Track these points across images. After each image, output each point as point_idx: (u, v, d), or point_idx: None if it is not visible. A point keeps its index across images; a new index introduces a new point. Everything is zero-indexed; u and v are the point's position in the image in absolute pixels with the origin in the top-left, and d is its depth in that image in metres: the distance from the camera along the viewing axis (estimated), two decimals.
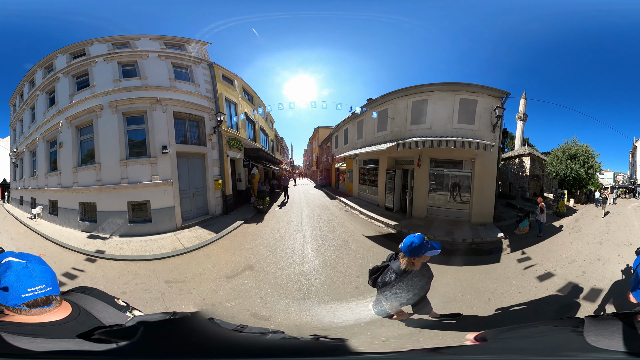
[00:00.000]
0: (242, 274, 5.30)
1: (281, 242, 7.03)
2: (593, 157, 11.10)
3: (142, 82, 8.14)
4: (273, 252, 6.35)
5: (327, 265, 5.54)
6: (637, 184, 13.20)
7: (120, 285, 5.00)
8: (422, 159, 9.16)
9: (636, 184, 13.25)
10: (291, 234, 7.54)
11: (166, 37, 8.90)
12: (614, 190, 13.78)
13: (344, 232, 7.64)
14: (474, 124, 8.81)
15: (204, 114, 8.86)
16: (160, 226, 7.62)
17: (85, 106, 8.19)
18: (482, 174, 8.90)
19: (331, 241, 6.95)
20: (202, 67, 9.04)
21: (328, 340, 1.62)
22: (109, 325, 1.31)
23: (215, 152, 9.13)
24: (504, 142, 15.49)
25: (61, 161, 8.69)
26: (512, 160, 14.12)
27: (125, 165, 7.64)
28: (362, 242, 6.94)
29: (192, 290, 4.82)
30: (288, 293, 4.59)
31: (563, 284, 5.05)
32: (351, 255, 6.07)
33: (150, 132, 7.80)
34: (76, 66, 8.66)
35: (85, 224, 8.19)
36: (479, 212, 8.87)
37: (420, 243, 2.58)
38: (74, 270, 5.63)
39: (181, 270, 5.66)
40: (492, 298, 4.57)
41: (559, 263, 6.03)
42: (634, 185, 13.43)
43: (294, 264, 5.66)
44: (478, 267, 5.87)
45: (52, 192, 9.07)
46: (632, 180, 13.68)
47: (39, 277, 1.25)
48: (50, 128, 8.99)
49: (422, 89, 9.19)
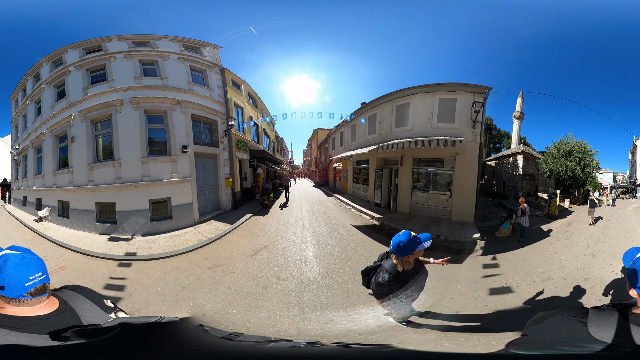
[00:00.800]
0: (261, 252, 6.53)
1: (285, 228, 8.20)
2: (590, 155, 10.31)
3: (163, 83, 8.38)
4: (280, 236, 7.61)
5: (319, 244, 6.89)
6: (637, 183, 12.36)
7: (173, 281, 5.28)
8: (405, 159, 9.72)
9: (636, 183, 12.42)
10: (293, 223, 8.70)
11: (185, 39, 9.17)
12: (613, 190, 13.02)
13: (335, 222, 8.79)
14: (453, 122, 8.83)
15: (217, 117, 9.43)
16: (180, 222, 8.03)
17: (103, 100, 8.05)
18: (462, 172, 8.77)
19: (324, 228, 8.17)
20: (214, 72, 9.57)
21: (339, 347, 1.49)
22: (85, 325, 1.29)
23: (226, 153, 9.75)
24: (500, 142, 15.07)
25: (73, 157, 8.19)
26: (505, 159, 13.62)
27: (147, 163, 7.77)
28: (349, 229, 8.09)
29: (232, 270, 5.66)
30: (294, 262, 5.94)
31: (514, 306, 4.15)
32: (338, 238, 7.32)
33: (171, 132, 8.16)
34: (91, 60, 8.53)
35: (103, 226, 7.75)
36: (459, 210, 8.76)
37: (407, 240, 2.43)
38: (114, 280, 5.26)
39: (214, 256, 6.37)
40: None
41: (529, 278, 5.11)
42: (634, 185, 12.60)
43: (296, 243, 7.00)
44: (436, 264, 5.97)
45: (62, 191, 8.45)
46: (632, 180, 12.89)
47: (35, 266, 1.28)
48: (59, 122, 8.53)
49: (403, 93, 9.61)
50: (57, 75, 8.93)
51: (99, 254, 6.48)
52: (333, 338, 3.52)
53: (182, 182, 8.23)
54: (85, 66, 8.53)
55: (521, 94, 13.21)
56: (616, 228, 8.01)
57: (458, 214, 8.71)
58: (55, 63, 9.20)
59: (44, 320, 1.22)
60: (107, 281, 5.19)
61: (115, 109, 7.96)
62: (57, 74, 8.94)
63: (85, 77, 8.47)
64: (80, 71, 8.53)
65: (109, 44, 8.65)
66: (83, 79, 8.45)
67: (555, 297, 4.37)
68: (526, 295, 4.51)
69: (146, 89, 8.18)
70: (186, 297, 4.69)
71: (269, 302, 4.39)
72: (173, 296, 4.73)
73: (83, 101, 8.26)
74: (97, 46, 8.73)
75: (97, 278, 5.32)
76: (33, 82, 9.83)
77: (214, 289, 4.93)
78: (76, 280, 4.72)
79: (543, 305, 4.22)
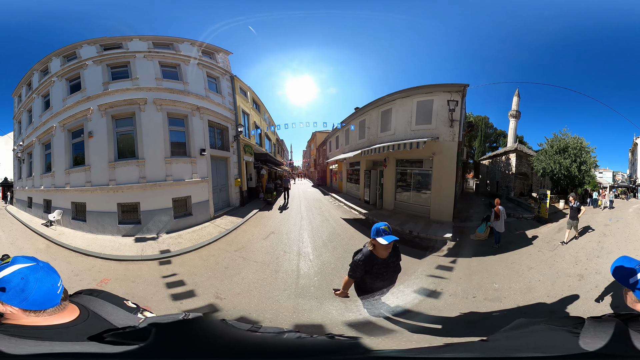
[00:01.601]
0: (270, 236, 7.89)
1: (287, 220, 9.55)
2: (587, 152, 9.51)
3: (185, 88, 8.73)
4: (284, 225, 8.99)
5: (313, 231, 8.30)
6: (637, 183, 11.89)
7: (215, 265, 6.11)
8: (388, 161, 10.36)
9: (636, 183, 11.94)
10: (293, 216, 10.04)
11: (202, 43, 9.41)
12: (612, 190, 12.21)
13: (328, 215, 10.17)
14: (431, 123, 8.87)
15: (228, 124, 10.18)
16: (199, 218, 8.66)
17: (126, 97, 7.98)
18: (440, 171, 8.75)
19: (318, 220, 9.56)
20: (226, 79, 10.27)
21: (344, 339, 1.59)
22: (121, 327, 1.27)
23: (235, 156, 10.54)
24: (497, 141, 14.73)
25: (91, 154, 7.78)
26: (498, 158, 13.19)
27: (170, 163, 8.16)
28: (339, 221, 9.36)
29: (253, 250, 6.89)
30: (294, 242, 7.37)
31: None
32: (328, 227, 8.69)
33: (190, 136, 8.72)
34: (111, 57, 8.41)
35: (126, 228, 7.51)
36: (437, 209, 8.77)
37: (377, 228, 2.75)
38: (169, 278, 5.41)
39: (236, 242, 7.46)
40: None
41: (474, 291, 4.48)
42: (634, 185, 12.06)
43: (296, 229, 8.47)
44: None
45: (77, 192, 7.92)
46: (632, 179, 12.39)
47: (54, 272, 1.21)
48: (74, 115, 8.10)
49: (386, 100, 10.00)
50: (70, 68, 8.60)
51: (135, 257, 6.30)
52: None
53: (200, 182, 8.87)
54: (105, 61, 8.40)
55: (517, 92, 12.69)
56: (616, 236, 6.71)
57: (436, 212, 8.77)
58: (68, 57, 8.96)
59: (70, 327, 1.16)
60: (163, 281, 5.28)
61: (139, 107, 7.98)
62: (70, 67, 8.60)
63: (105, 72, 8.29)
64: (100, 66, 8.37)
65: (130, 43, 8.61)
66: (103, 74, 8.26)
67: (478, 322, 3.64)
68: (449, 309, 3.96)
69: (168, 91, 8.45)
70: (233, 273, 5.67)
71: (282, 268, 5.84)
72: (224, 275, 5.61)
73: (103, 95, 8.04)
74: (116, 44, 8.65)
75: (151, 281, 5.30)
76: (40, 75, 9.43)
77: (246, 264, 6.10)
78: (129, 289, 4.95)
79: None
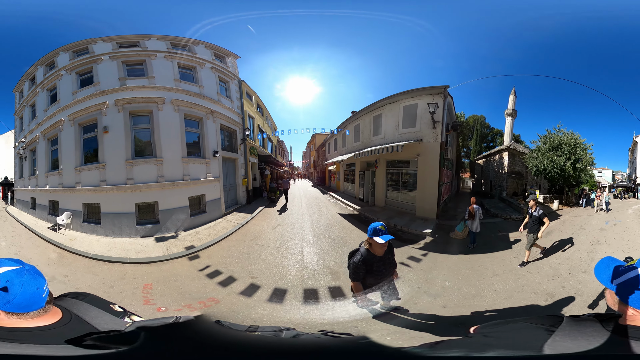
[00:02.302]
0: (277, 228, 8.88)
1: (290, 215, 10.53)
2: (583, 149, 9.02)
3: (200, 91, 9.01)
4: (288, 218, 10.07)
5: (312, 223, 9.34)
6: (637, 182, 11.41)
7: (238, 252, 6.90)
8: (379, 162, 11.00)
9: (636, 182, 11.46)
10: (296, 211, 11.01)
11: (215, 46, 9.63)
12: (612, 190, 11.83)
13: (326, 211, 11.23)
14: (415, 126, 9.24)
15: (236, 127, 10.69)
16: (212, 215, 9.11)
17: (144, 94, 7.95)
18: (424, 171, 9.12)
19: (317, 214, 10.63)
20: (234, 84, 10.76)
21: (338, 335, 1.53)
22: (104, 331, 1.23)
23: (242, 157, 11.08)
24: (494, 140, 14.51)
25: (106, 151, 7.48)
26: (492, 157, 12.98)
27: (187, 163, 8.45)
28: (335, 216, 10.40)
29: (265, 239, 7.83)
30: (297, 231, 8.40)
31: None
32: (325, 220, 9.77)
33: (205, 138, 9.13)
34: (129, 54, 8.40)
35: (144, 228, 7.38)
36: (422, 206, 9.18)
37: (374, 227, 2.81)
38: (205, 270, 5.80)
39: (250, 234, 8.25)
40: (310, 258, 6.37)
41: (420, 285, 4.91)
42: (634, 185, 11.59)
43: (298, 222, 9.50)
44: (363, 234, 6.83)
45: (89, 192, 7.49)
46: (631, 178, 12.01)
47: (40, 275, 1.20)
48: (86, 109, 7.80)
49: (377, 105, 10.58)
50: (82, 62, 8.48)
51: (164, 257, 6.33)
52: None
53: (213, 181, 9.34)
54: (121, 58, 8.34)
55: (513, 91, 12.54)
56: (612, 244, 5.91)
57: (421, 209, 9.22)
58: (78, 52, 8.81)
59: (49, 330, 1.15)
60: (202, 274, 5.71)
61: (157, 106, 8.01)
62: (82, 61, 8.49)
63: (120, 69, 8.23)
64: (115, 62, 8.27)
65: (148, 41, 8.67)
66: (119, 70, 8.18)
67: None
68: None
69: (185, 93, 8.65)
70: (255, 257, 6.52)
71: (290, 250, 6.94)
72: (249, 260, 6.42)
73: (120, 91, 7.88)
74: (133, 42, 8.68)
75: (192, 277, 5.64)
76: (45, 70, 9.13)
77: (263, 249, 7.08)
78: (177, 288, 5.19)
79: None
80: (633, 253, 4.94)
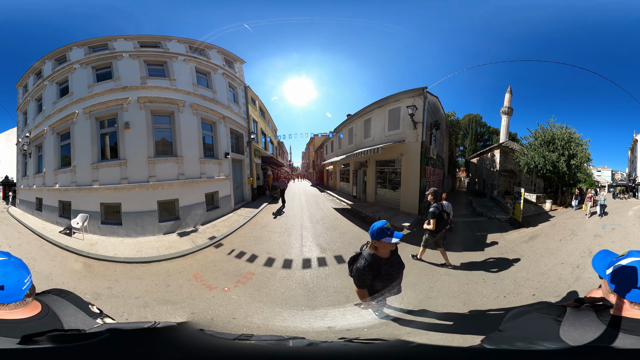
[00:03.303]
0: (280, 218, 9.93)
1: (292, 209, 11.52)
2: (579, 144, 8.33)
3: (214, 96, 9.57)
4: (290, 211, 10.99)
5: (310, 214, 10.36)
6: (637, 182, 10.96)
7: (253, 237, 7.89)
8: (369, 162, 11.86)
9: (636, 182, 11.01)
10: (296, 206, 12.04)
11: (225, 51, 10.07)
12: (610, 189, 11.22)
13: (322, 205, 12.32)
14: (399, 128, 9.67)
15: (243, 131, 11.50)
16: (224, 210, 9.84)
17: (166, 95, 8.06)
18: (407, 170, 9.57)
19: (315, 208, 11.64)
20: (241, 90, 11.50)
21: (381, 342, 1.46)
22: (66, 330, 1.22)
23: (247, 159, 11.88)
24: (491, 139, 14.36)
25: (127, 147, 7.22)
26: (485, 156, 12.75)
27: (204, 163, 9.06)
28: (329, 210, 11.43)
29: (272, 226, 8.90)
30: (298, 220, 9.48)
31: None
32: (321, 212, 10.80)
33: (218, 140, 9.86)
34: (151, 54, 8.49)
35: (166, 225, 7.37)
36: (405, 202, 9.73)
37: (379, 227, 2.60)
38: (232, 254, 6.51)
39: (259, 224, 9.18)
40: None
41: None
42: (634, 184, 11.12)
43: (298, 214, 10.49)
44: (350, 223, 8.94)
45: (109, 191, 7.10)
46: (631, 178, 11.60)
47: (24, 268, 1.22)
48: (105, 102, 7.48)
49: (367, 110, 11.28)
50: (100, 57, 8.31)
51: (193, 249, 6.60)
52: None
53: (225, 180, 10.11)
54: (142, 57, 8.40)
55: (509, 89, 12.23)
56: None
57: (405, 205, 9.83)
58: (94, 49, 8.66)
59: (22, 324, 1.15)
60: (231, 256, 6.47)
61: (178, 108, 8.28)
62: (100, 57, 8.28)
63: (142, 67, 8.21)
64: (137, 60, 8.27)
65: (169, 43, 8.84)
66: (140, 68, 8.15)
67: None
68: (335, 272, 5.33)
69: (202, 98, 9.10)
70: (267, 240, 7.68)
71: (292, 234, 8.11)
72: (262, 242, 7.50)
73: (141, 89, 7.84)
74: (154, 43, 8.78)
75: (225, 260, 6.33)
76: (54, 64, 8.86)
77: (271, 234, 8.18)
78: (220, 271, 5.72)
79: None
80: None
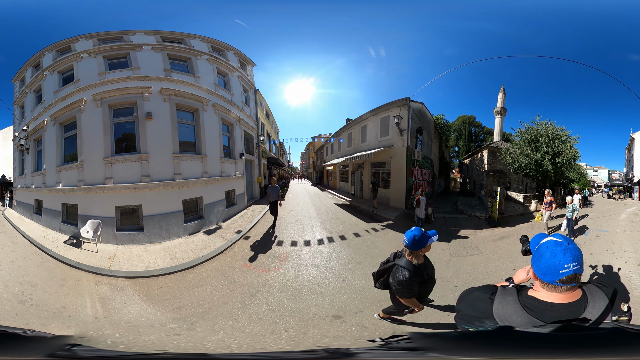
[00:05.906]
0: (291, 212, 10.75)
1: (298, 204, 12.75)
2: (568, 142, 7.94)
3: (232, 99, 9.84)
4: (297, 207, 12.00)
5: (316, 208, 11.58)
6: (634, 181, 10.58)
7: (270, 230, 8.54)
8: (365, 164, 12.88)
9: (633, 181, 10.67)
10: (301, 202, 13.39)
11: (240, 53, 10.25)
12: (605, 190, 10.75)
13: (325, 202, 13.43)
14: (389, 135, 10.56)
15: (253, 133, 11.96)
16: (239, 206, 10.27)
17: (193, 91, 7.80)
18: (395, 171, 10.57)
19: (318, 203, 12.84)
20: (251, 93, 11.73)
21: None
22: None
23: (257, 159, 12.32)
24: (485, 139, 14.70)
25: (149, 141, 6.39)
26: (475, 156, 12.79)
27: (223, 162, 9.37)
28: (331, 205, 12.59)
29: (285, 218, 9.76)
30: (306, 212, 10.86)
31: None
32: (323, 207, 11.93)
33: (234, 141, 10.20)
34: (175, 49, 8.28)
35: (191, 225, 6.96)
36: (394, 198, 10.92)
37: (421, 235, 2.57)
38: (267, 236, 7.56)
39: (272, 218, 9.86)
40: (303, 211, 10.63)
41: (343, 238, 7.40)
42: (630, 183, 10.91)
43: (303, 207, 11.78)
44: (349, 214, 10.34)
45: (127, 190, 6.07)
46: (628, 177, 11.44)
47: (572, 256, 1.22)
48: (121, 89, 6.67)
49: (363, 117, 12.31)
50: (111, 48, 7.67)
51: (227, 245, 6.52)
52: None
53: (240, 178, 10.52)
54: (166, 51, 7.97)
55: (502, 89, 12.24)
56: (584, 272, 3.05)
57: (394, 201, 11.02)
58: (104, 41, 8.06)
59: (560, 308, 1.18)
60: (267, 245, 7.13)
61: (202, 106, 8.17)
62: (111, 47, 7.64)
63: (165, 60, 7.78)
64: (160, 53, 7.81)
65: (193, 41, 8.67)
66: (164, 61, 7.66)
67: None
68: (340, 246, 6.97)
69: (222, 99, 9.29)
70: (284, 228, 8.60)
71: (304, 223, 9.26)
72: (281, 230, 8.39)
73: (166, 81, 7.28)
74: (178, 38, 8.59)
75: (260, 247, 6.92)
76: (55, 55, 8.30)
77: (287, 224, 9.15)
78: (262, 258, 6.24)
79: None
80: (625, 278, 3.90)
